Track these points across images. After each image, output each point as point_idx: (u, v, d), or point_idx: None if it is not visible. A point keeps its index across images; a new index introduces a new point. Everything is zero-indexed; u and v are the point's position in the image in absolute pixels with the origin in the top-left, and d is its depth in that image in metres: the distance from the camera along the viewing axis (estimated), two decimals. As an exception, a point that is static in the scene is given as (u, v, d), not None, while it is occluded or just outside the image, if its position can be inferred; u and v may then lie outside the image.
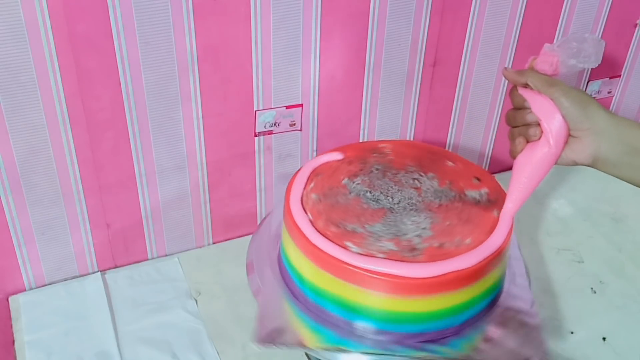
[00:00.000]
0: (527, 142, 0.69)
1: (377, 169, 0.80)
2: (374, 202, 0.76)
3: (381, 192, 0.77)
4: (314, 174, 0.80)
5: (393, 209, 0.75)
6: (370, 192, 0.77)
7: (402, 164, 0.82)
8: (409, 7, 0.92)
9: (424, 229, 0.72)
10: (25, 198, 0.84)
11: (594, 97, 1.18)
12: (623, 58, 1.17)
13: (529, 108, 0.68)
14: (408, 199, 0.76)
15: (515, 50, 1.04)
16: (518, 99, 0.69)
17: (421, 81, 1.01)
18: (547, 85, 0.66)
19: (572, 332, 0.87)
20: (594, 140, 0.66)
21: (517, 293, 0.77)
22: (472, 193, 0.76)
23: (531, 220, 1.06)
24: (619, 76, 1.19)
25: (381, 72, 0.96)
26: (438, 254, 0.68)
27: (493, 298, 0.75)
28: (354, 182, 0.78)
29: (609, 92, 1.21)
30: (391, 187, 0.78)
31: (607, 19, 1.09)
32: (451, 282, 0.67)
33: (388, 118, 1.02)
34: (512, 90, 0.70)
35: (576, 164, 0.68)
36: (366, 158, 0.83)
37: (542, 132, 0.67)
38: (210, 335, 0.84)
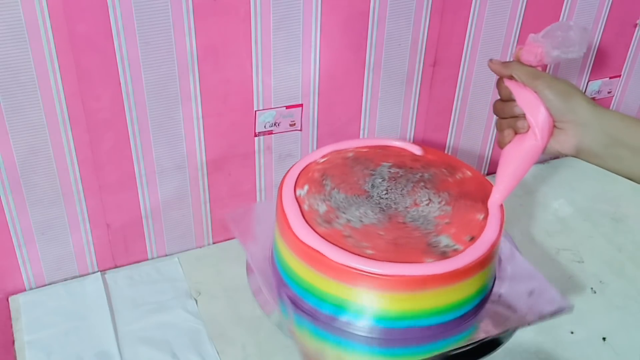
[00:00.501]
0: (515, 133, 0.69)
1: (421, 177, 0.80)
2: (370, 186, 0.77)
3: (387, 187, 0.77)
4: (379, 147, 0.85)
5: (372, 197, 0.76)
6: (383, 181, 0.78)
7: (446, 188, 0.79)
8: (409, 7, 0.92)
9: (360, 221, 0.73)
10: (25, 198, 0.84)
11: (594, 98, 1.19)
12: (623, 58, 1.17)
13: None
14: (394, 202, 0.76)
15: (515, 50, 1.04)
16: (505, 91, 0.70)
17: (421, 81, 1.01)
18: (531, 77, 0.67)
19: (572, 332, 0.87)
20: (577, 131, 0.66)
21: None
22: (443, 239, 0.71)
23: (531, 220, 1.06)
24: (619, 76, 1.19)
25: (381, 72, 0.96)
26: (335, 238, 0.70)
27: (484, 296, 0.75)
28: (388, 169, 0.80)
29: (609, 92, 1.21)
30: (403, 190, 0.77)
31: (607, 19, 1.09)
32: (435, 280, 0.68)
33: (388, 118, 1.02)
34: (499, 82, 0.71)
35: (560, 154, 0.69)
36: (432, 167, 0.82)
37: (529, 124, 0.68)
38: (210, 335, 0.84)
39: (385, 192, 0.77)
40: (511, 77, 0.69)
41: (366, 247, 0.69)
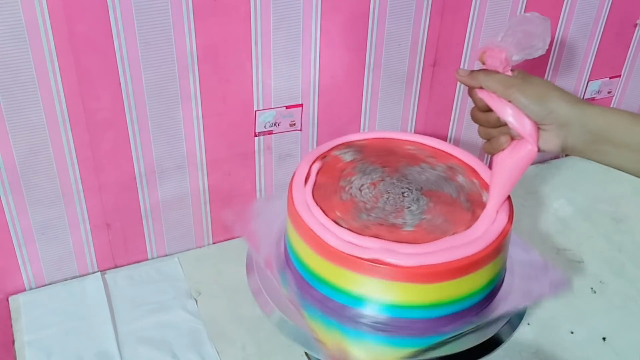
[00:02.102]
0: (512, 139, 0.68)
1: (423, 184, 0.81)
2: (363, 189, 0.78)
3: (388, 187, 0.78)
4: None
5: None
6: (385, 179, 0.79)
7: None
8: (409, 7, 0.92)
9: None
10: (25, 198, 0.84)
11: (593, 98, 1.19)
12: (623, 58, 1.17)
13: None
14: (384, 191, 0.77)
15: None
16: (480, 102, 0.69)
17: (421, 81, 1.01)
18: (502, 86, 0.66)
19: (572, 332, 0.87)
20: (559, 132, 0.65)
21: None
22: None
23: (531, 220, 1.06)
24: (619, 76, 1.19)
25: (381, 72, 0.96)
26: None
27: (493, 288, 0.75)
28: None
29: (609, 92, 1.21)
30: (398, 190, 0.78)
31: (607, 19, 1.09)
32: (448, 272, 0.68)
33: (388, 118, 1.02)
34: (471, 92, 0.70)
35: (545, 152, 0.68)
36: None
37: None
38: (210, 335, 0.84)
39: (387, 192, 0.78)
40: (481, 87, 0.68)
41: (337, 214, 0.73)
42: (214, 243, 1.01)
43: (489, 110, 0.68)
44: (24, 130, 0.79)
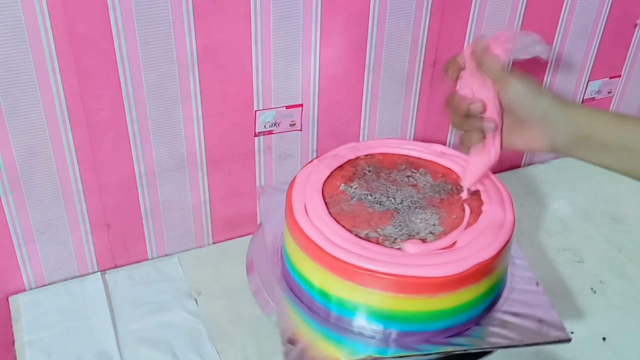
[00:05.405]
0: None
1: (369, 171, 0.80)
2: (377, 205, 0.75)
3: (381, 194, 0.77)
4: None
5: (398, 209, 0.74)
6: (370, 195, 0.76)
7: (393, 162, 0.82)
8: (409, 7, 0.92)
9: (433, 225, 0.72)
10: (25, 198, 0.84)
11: (593, 98, 1.19)
12: (623, 58, 1.17)
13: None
14: (409, 197, 0.76)
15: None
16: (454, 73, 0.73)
17: (421, 81, 1.01)
18: (502, 73, 0.67)
19: (572, 332, 0.87)
20: (547, 130, 0.66)
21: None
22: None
23: (531, 220, 1.06)
24: (619, 76, 1.19)
25: (381, 72, 0.96)
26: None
27: (495, 296, 0.75)
28: (351, 187, 0.77)
29: (609, 92, 1.21)
30: (389, 187, 0.77)
31: (607, 19, 1.09)
32: (459, 281, 0.67)
33: (388, 118, 1.02)
34: (451, 63, 0.73)
35: (536, 151, 0.71)
36: (356, 161, 0.82)
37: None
38: (210, 335, 0.84)
39: (392, 198, 0.76)
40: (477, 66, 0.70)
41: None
42: (214, 243, 1.01)
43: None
44: (24, 130, 0.79)
